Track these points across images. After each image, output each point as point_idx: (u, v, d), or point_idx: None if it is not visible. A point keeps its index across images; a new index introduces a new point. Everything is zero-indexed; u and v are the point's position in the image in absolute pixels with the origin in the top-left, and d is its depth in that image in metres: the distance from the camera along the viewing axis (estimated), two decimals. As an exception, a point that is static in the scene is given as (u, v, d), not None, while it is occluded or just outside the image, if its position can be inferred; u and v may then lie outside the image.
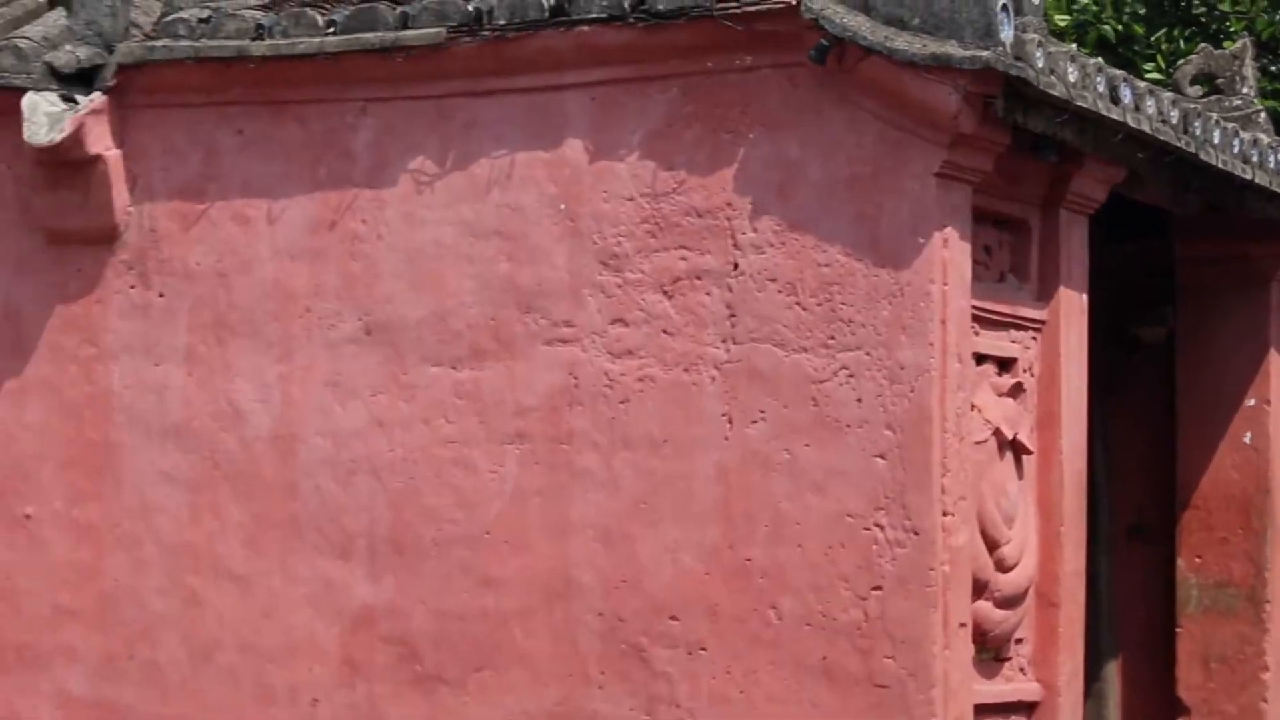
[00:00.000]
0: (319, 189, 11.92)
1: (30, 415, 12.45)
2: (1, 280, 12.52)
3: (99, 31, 12.24)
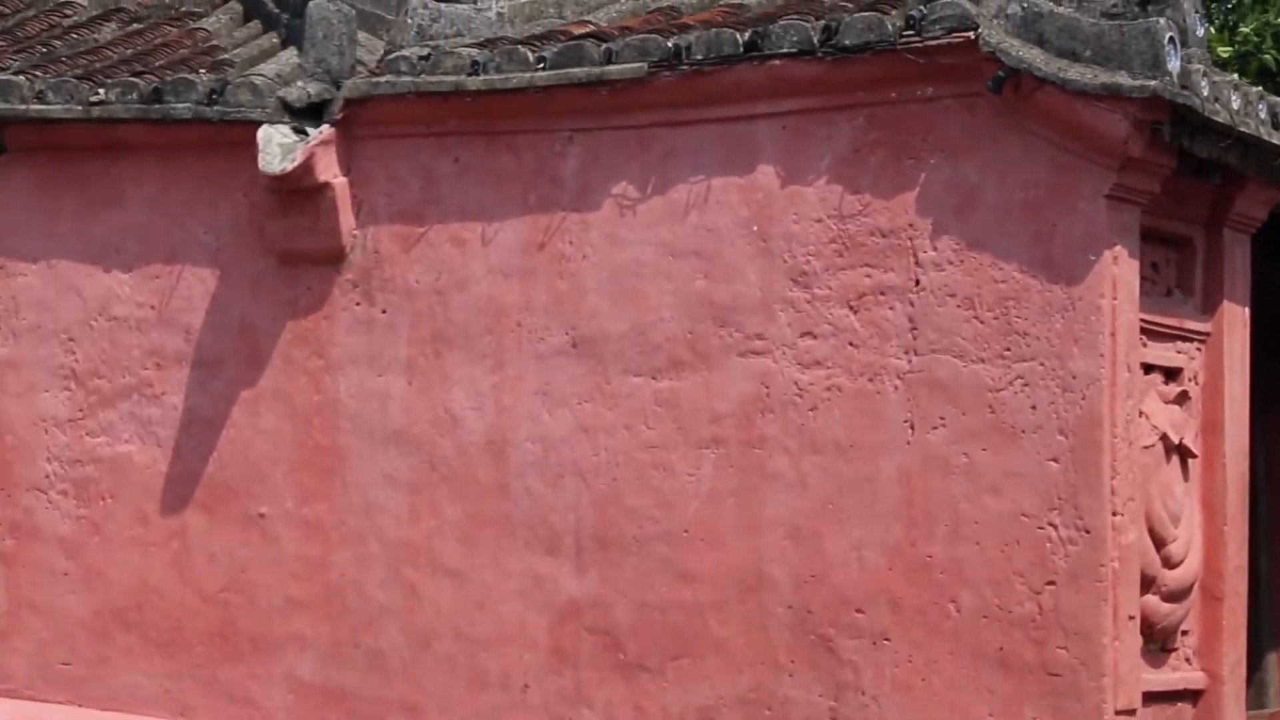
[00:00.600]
0: (529, 213, 12.01)
1: (264, 422, 12.60)
2: (238, 298, 12.66)
3: (328, 69, 12.37)
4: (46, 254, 13.08)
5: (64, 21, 14.10)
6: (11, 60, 13.39)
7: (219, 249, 12.70)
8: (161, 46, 13.43)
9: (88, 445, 12.96)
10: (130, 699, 12.79)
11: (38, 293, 13.08)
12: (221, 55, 13.11)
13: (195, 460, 12.75)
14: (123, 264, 12.93)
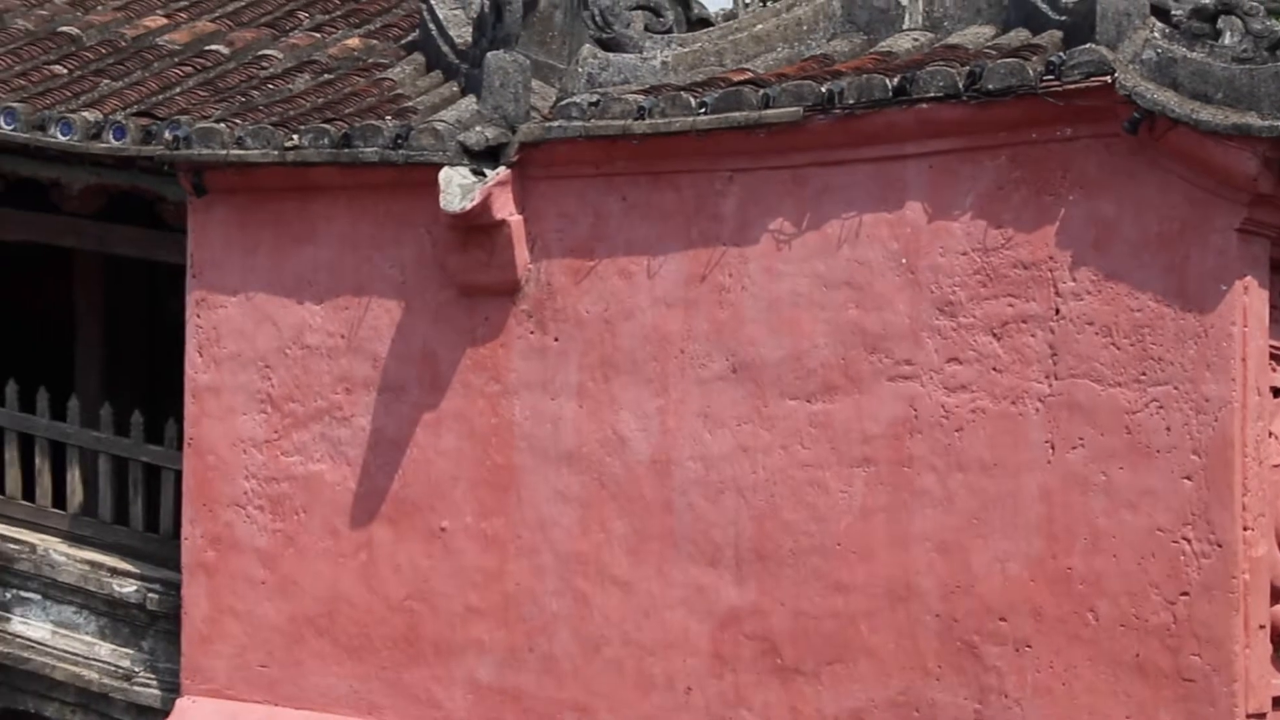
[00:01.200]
0: (691, 247, 12.06)
1: (445, 442, 12.70)
2: (421, 327, 12.77)
3: (504, 115, 12.47)
4: (245, 287, 13.23)
5: (261, 73, 14.28)
6: (213, 109, 13.56)
7: (403, 282, 12.81)
8: (351, 95, 13.57)
9: (283, 464, 13.11)
10: (321, 699, 12.92)
11: (237, 323, 13.24)
12: (406, 103, 13.23)
13: (381, 478, 12.86)
14: (315, 296, 13.07)
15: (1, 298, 14.92)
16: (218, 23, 15.22)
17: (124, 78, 14.35)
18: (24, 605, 14.01)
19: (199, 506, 13.26)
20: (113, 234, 14.34)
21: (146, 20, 15.31)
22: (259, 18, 15.30)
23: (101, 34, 15.12)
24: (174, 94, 14.01)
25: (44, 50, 14.86)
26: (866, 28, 12.45)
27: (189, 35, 15.00)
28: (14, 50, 14.83)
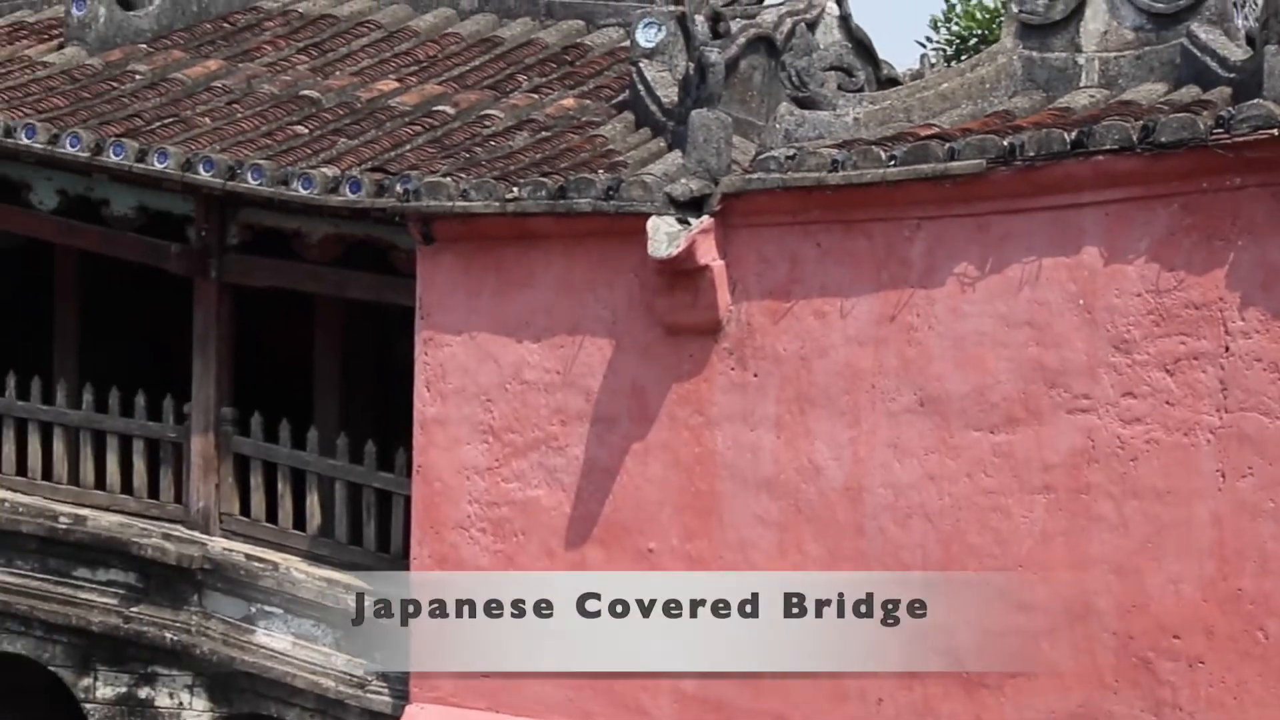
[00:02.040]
0: (881, 289, 12.03)
1: (652, 470, 12.73)
2: (630, 364, 12.82)
3: (707, 168, 12.52)
4: (469, 327, 13.33)
5: (484, 131, 14.41)
6: (440, 164, 13.70)
7: (614, 322, 12.87)
8: (566, 151, 13.68)
9: (503, 490, 13.18)
10: (538, 707, 12.96)
11: (461, 360, 13.34)
12: (617, 158, 13.33)
13: (594, 503, 12.91)
14: (533, 335, 13.14)
15: (248, 338, 15.09)
16: (444, 86, 15.38)
17: (359, 136, 14.52)
18: (267, 619, 14.18)
19: (426, 528, 13.37)
20: (349, 279, 14.46)
21: (380, 84, 15.50)
22: (482, 81, 15.44)
23: (339, 97, 15.32)
24: (404, 151, 14.15)
25: (287, 112, 15.08)
26: (1045, 85, 12.37)
27: (418, 97, 15.16)
28: (261, 112, 15.05)
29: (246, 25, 16.91)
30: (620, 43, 15.65)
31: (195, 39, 16.68)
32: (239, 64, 16.07)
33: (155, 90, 15.60)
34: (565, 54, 15.83)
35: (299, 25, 16.83)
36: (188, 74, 15.85)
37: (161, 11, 16.85)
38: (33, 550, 14.89)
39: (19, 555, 14.92)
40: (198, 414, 14.68)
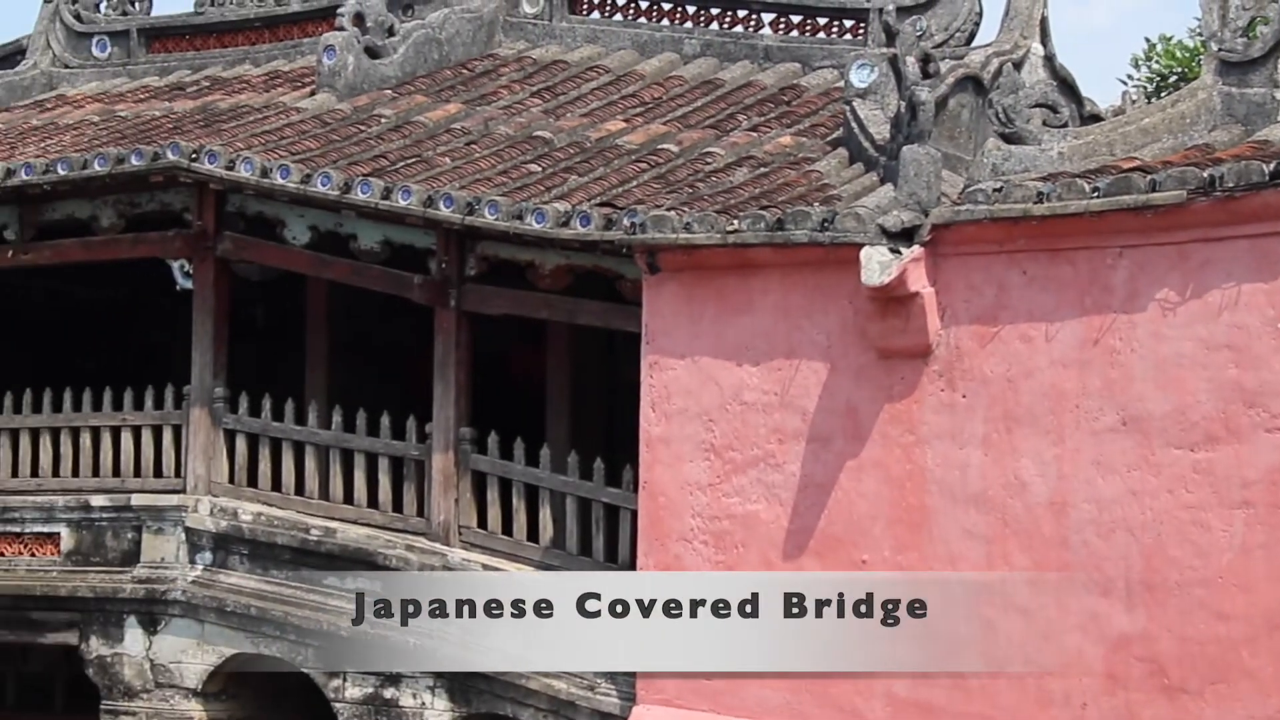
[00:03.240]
0: (1085, 314, 12.11)
1: (865, 486, 12.88)
2: (844, 386, 12.97)
3: (918, 200, 12.66)
4: (691, 352, 13.54)
5: (705, 168, 14.65)
6: (665, 199, 13.95)
7: (829, 346, 13.04)
8: (783, 186, 13.87)
9: (724, 505, 13.37)
10: (758, 708, 13.11)
11: (684, 383, 13.55)
12: (831, 191, 13.50)
13: (810, 517, 13.06)
14: (752, 359, 13.33)
15: (484, 362, 15.43)
16: (668, 125, 15.66)
17: (589, 174, 14.82)
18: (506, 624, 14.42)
19: (652, 540, 13.60)
20: (579, 307, 14.71)
21: (608, 124, 15.81)
22: (704, 121, 15.71)
23: (570, 137, 15.65)
24: (631, 187, 14.42)
25: (522, 151, 15.43)
26: (1244, 120, 12.40)
27: (644, 136, 15.45)
28: (497, 152, 15.41)
29: (484, 71, 17.35)
30: (835, 83, 15.85)
31: (436, 84, 17.13)
32: (477, 107, 16.48)
33: (399, 132, 16.02)
34: (782, 94, 16.05)
35: (533, 70, 17.24)
36: (429, 117, 16.28)
37: (405, 59, 17.34)
38: (286, 560, 15.32)
39: (274, 565, 15.35)
40: (438, 433, 15.00)
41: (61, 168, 15.73)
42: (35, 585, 15.91)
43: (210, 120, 16.68)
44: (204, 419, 15.79)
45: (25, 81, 19.27)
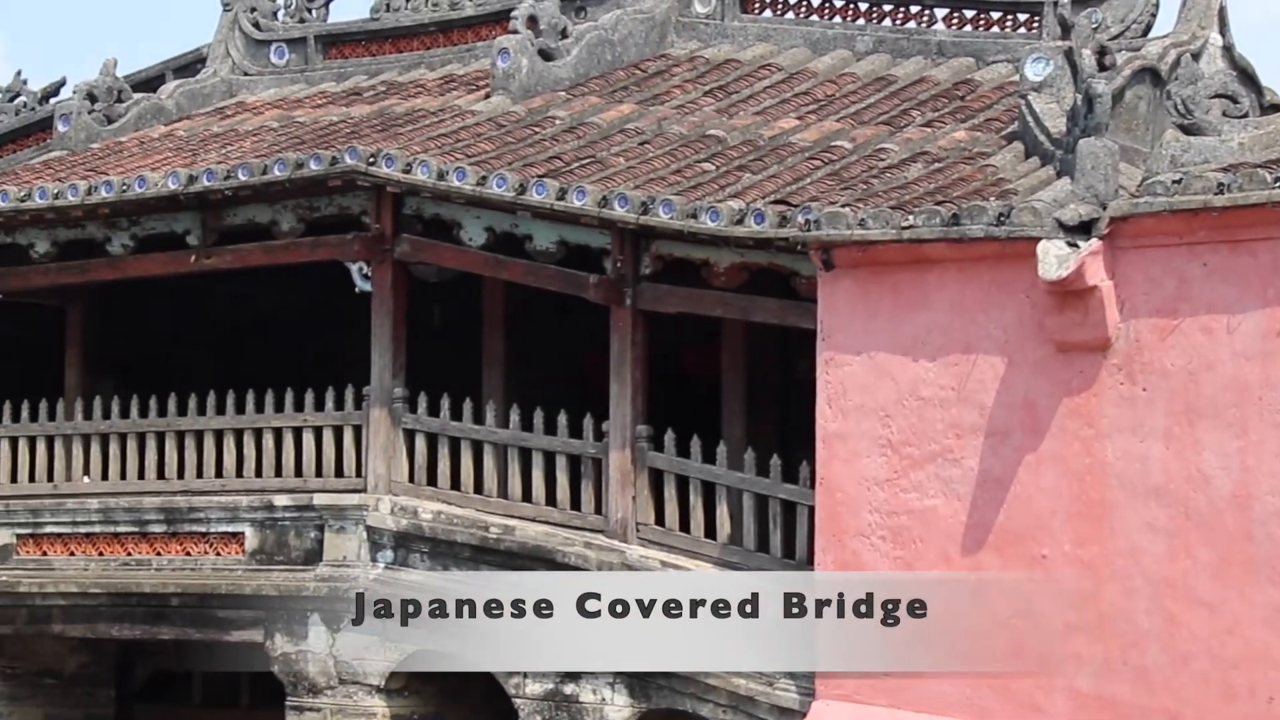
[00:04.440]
0: (1268, 305, 12.11)
1: (1044, 480, 12.94)
2: (1022, 380, 13.04)
3: (1095, 193, 12.70)
4: (867, 348, 13.66)
5: (879, 164, 14.76)
6: (839, 196, 14.06)
7: (1006, 340, 13.10)
8: (958, 181, 13.95)
9: (901, 500, 13.48)
10: (938, 703, 13.21)
11: (860, 379, 13.67)
12: (1007, 186, 13.55)
13: (988, 512, 13.13)
14: (928, 354, 13.42)
15: (658, 360, 15.61)
16: (841, 122, 15.78)
17: (762, 172, 14.97)
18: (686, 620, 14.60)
19: (829, 536, 13.73)
20: (754, 305, 14.83)
21: (781, 122, 15.96)
22: (877, 117, 15.81)
23: (743, 135, 15.82)
24: (804, 184, 14.55)
25: (695, 150, 15.61)
26: None
27: (817, 134, 15.59)
28: (671, 151, 15.61)
29: (657, 71, 17.57)
30: (1009, 77, 15.91)
31: (609, 85, 17.38)
32: (650, 107, 16.70)
33: (573, 134, 16.28)
34: (956, 89, 16.14)
35: (705, 70, 17.44)
36: (603, 118, 16.53)
37: (579, 61, 17.61)
38: (466, 558, 15.60)
39: (454, 562, 15.63)
40: (615, 431, 15.21)
41: (242, 173, 16.12)
42: (221, 584, 16.33)
43: (387, 124, 17.03)
44: (384, 419, 16.13)
45: (206, 89, 19.78)
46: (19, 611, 17.12)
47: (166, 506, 16.72)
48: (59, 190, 16.75)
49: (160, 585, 16.51)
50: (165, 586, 16.49)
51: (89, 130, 19.24)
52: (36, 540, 17.26)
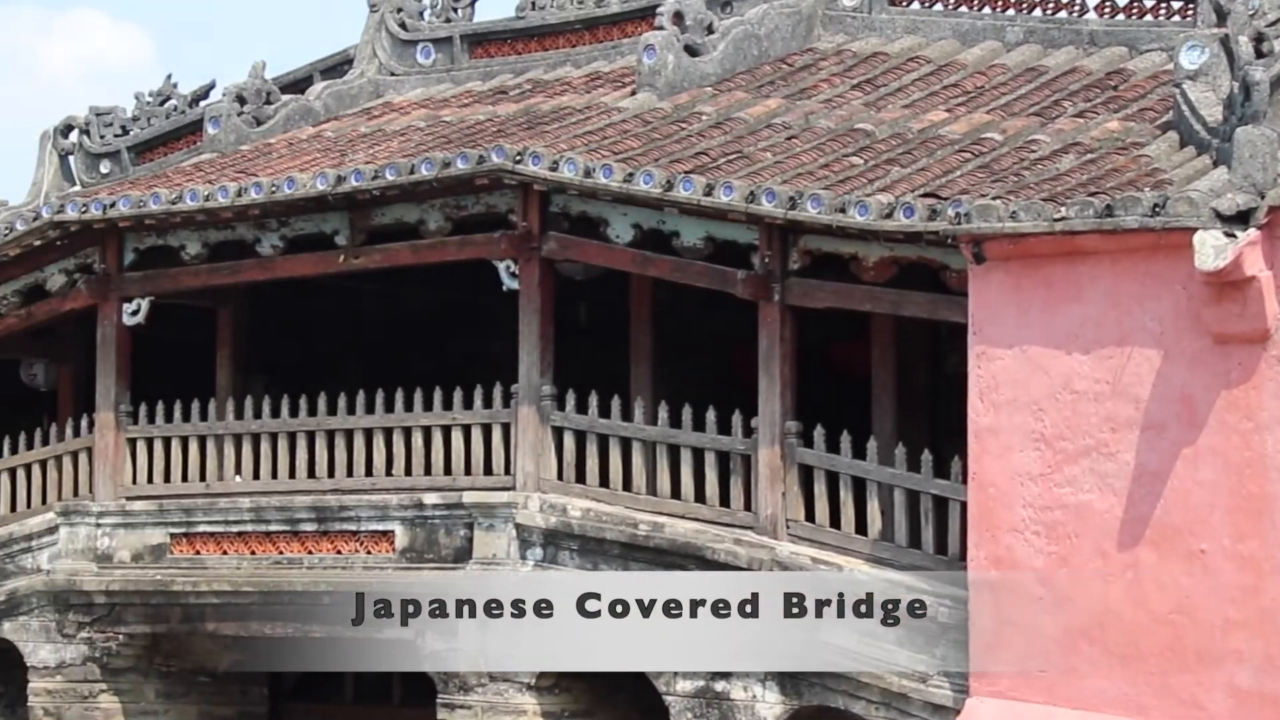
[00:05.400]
0: None
1: (1202, 474, 12.86)
2: (1178, 373, 12.96)
3: (1253, 182, 12.60)
4: (1019, 341, 13.62)
5: (1030, 155, 14.71)
6: (989, 188, 14.04)
7: (1162, 332, 13.03)
8: (1111, 172, 13.87)
9: (1055, 495, 13.43)
10: (1095, 700, 13.15)
11: (1012, 373, 13.63)
12: (1161, 176, 13.47)
13: (1144, 506, 13.07)
14: (1081, 347, 13.36)
15: (805, 356, 15.65)
16: (991, 114, 15.75)
17: (911, 165, 14.98)
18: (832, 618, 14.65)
19: (982, 532, 13.71)
20: (903, 299, 14.80)
21: (930, 115, 15.95)
22: (1028, 108, 15.76)
23: (892, 128, 15.83)
24: (954, 177, 14.53)
25: (843, 145, 15.64)
26: None
27: (967, 126, 15.56)
28: (818, 146, 15.65)
29: (803, 65, 17.61)
30: (1163, 66, 15.81)
31: (756, 80, 17.44)
32: (797, 102, 16.74)
33: (720, 129, 16.35)
34: (1109, 79, 16.06)
35: (853, 63, 17.45)
36: (749, 113, 16.59)
37: (724, 56, 17.68)
38: (615, 555, 15.69)
39: (603, 560, 15.73)
40: (764, 428, 15.27)
41: (390, 173, 16.31)
42: (372, 582, 16.50)
43: (533, 122, 17.18)
44: (532, 417, 16.26)
45: (353, 90, 20.03)
46: (173, 610, 17.42)
47: (317, 505, 16.94)
48: (209, 192, 17.02)
49: (312, 583, 16.71)
50: (317, 585, 16.69)
51: (238, 132, 19.55)
52: (190, 539, 17.55)
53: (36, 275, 18.39)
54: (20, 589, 17.95)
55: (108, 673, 17.70)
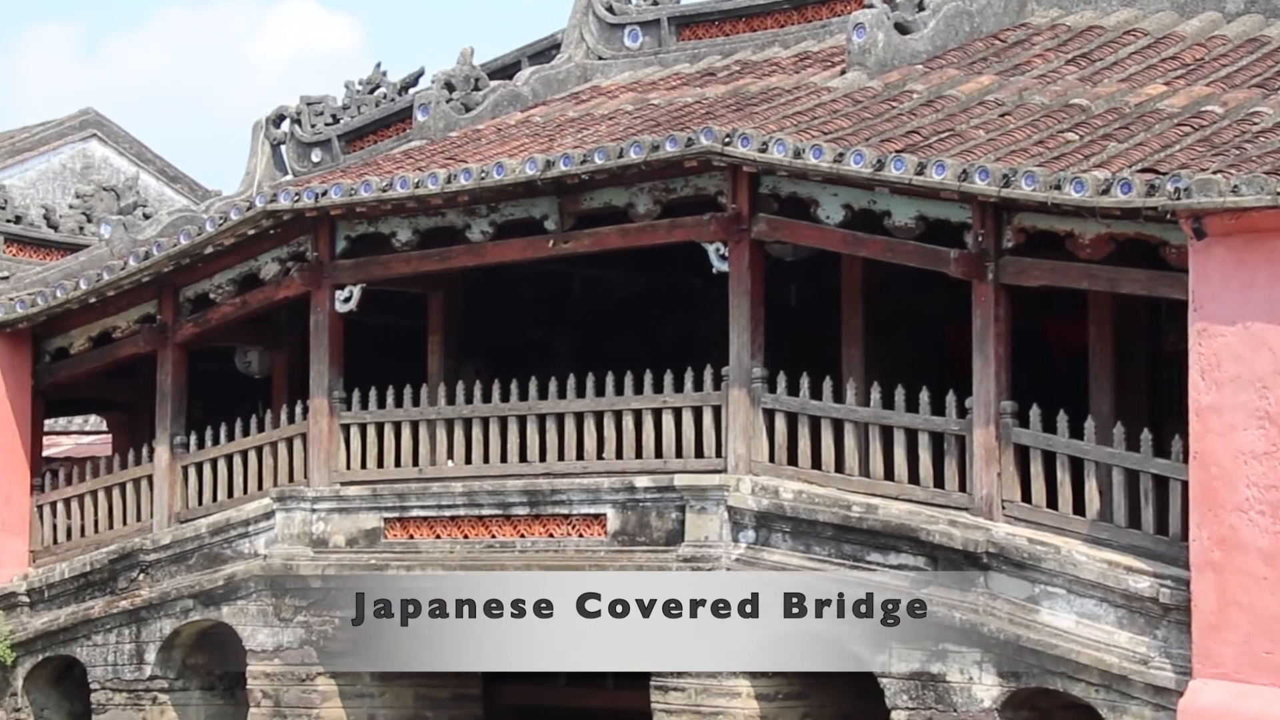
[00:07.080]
0: None
1: None
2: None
3: None
4: (1242, 318, 13.54)
5: (1252, 128, 14.59)
6: (1209, 162, 13.94)
7: (1390, 308, 12.94)
8: (1336, 142, 13.79)
9: (1280, 474, 13.36)
10: (1323, 683, 13.11)
11: (1235, 350, 13.55)
12: (1390, 146, 13.36)
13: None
14: (1306, 323, 13.30)
15: (1021, 334, 15.63)
16: (1212, 86, 15.64)
17: (1128, 140, 14.91)
18: (1050, 599, 14.62)
19: (1204, 512, 13.64)
20: (1121, 276, 14.74)
21: (1148, 89, 15.87)
22: (1249, 80, 15.64)
23: (1108, 103, 15.76)
24: (1173, 151, 14.44)
25: (1058, 120, 15.60)
26: None
27: (1186, 99, 15.47)
28: (1032, 122, 15.63)
29: (1016, 41, 17.59)
30: (1394, 33, 15.66)
31: (968, 57, 17.44)
32: (1010, 78, 16.73)
33: (931, 107, 16.39)
34: (1332, 49, 15.94)
35: (1067, 37, 17.40)
36: (961, 90, 16.60)
37: (935, 33, 17.71)
38: (828, 537, 15.77)
39: (816, 542, 15.81)
40: (979, 408, 15.28)
41: (598, 157, 16.51)
42: (584, 565, 16.72)
43: (742, 104, 17.31)
44: (743, 399, 16.40)
45: (560, 75, 20.30)
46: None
47: (529, 489, 17.19)
48: (419, 179, 17.33)
49: (525, 566, 16.96)
50: (530, 568, 16.93)
51: (447, 119, 19.89)
52: (403, 524, 17.88)
53: (250, 264, 18.82)
54: (238, 574, 18.40)
55: (325, 656, 18.08)
